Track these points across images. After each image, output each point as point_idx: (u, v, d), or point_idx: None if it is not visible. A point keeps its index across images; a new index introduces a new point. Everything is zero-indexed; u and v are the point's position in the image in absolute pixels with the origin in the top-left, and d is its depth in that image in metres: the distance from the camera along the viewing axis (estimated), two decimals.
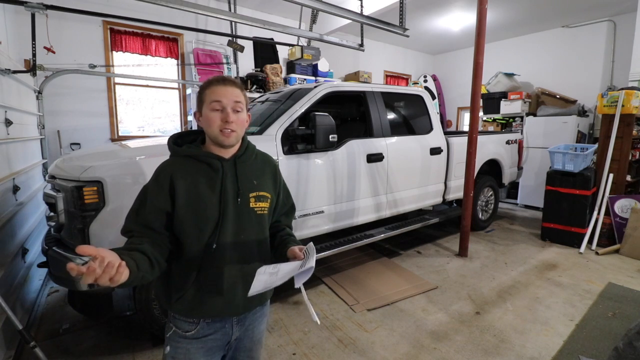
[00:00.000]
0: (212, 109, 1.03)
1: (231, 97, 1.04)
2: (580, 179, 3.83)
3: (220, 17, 3.37)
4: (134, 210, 1.03)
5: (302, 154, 2.54)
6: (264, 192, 1.12)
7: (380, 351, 2.11)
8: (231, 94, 1.04)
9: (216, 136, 1.04)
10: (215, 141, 1.06)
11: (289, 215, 1.30)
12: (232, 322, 1.10)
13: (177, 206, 1.01)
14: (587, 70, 6.01)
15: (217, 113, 1.03)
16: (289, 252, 1.07)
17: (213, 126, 1.03)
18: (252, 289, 0.88)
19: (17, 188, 2.68)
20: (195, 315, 1.05)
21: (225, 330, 1.09)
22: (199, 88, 1.08)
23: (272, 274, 0.94)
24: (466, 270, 3.28)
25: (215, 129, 1.03)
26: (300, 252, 1.03)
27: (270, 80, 5.26)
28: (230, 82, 1.06)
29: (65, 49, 4.10)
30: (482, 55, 3.37)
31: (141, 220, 1.01)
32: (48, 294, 2.82)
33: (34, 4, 2.93)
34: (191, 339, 1.05)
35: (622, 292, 2.84)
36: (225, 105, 1.03)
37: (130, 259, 0.86)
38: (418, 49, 8.12)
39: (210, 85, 1.05)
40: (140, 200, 1.04)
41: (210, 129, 1.04)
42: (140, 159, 1.94)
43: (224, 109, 1.03)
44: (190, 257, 1.02)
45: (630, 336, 1.37)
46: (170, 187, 1.01)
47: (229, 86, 1.05)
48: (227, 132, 1.03)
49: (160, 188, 1.02)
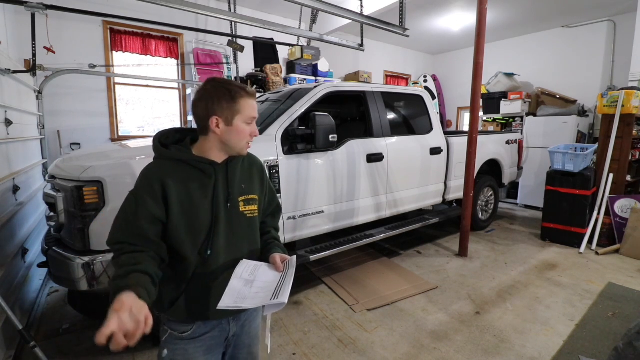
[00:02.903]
0: (248, 124, 1.04)
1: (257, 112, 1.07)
2: (580, 179, 3.83)
3: (220, 17, 3.37)
4: (124, 220, 0.95)
5: (302, 154, 2.54)
6: (253, 195, 1.12)
7: (380, 351, 2.11)
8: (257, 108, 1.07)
9: (242, 149, 1.06)
10: (236, 152, 1.06)
11: (275, 216, 1.29)
12: (228, 319, 1.10)
13: (170, 214, 0.97)
14: (587, 70, 6.01)
15: (248, 127, 1.04)
16: (270, 258, 1.08)
17: (244, 140, 1.04)
18: (222, 300, 0.89)
19: (17, 188, 2.68)
20: (190, 319, 1.04)
21: (222, 327, 1.09)
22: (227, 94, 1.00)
23: (247, 282, 0.96)
24: (466, 270, 3.28)
25: (244, 142, 1.05)
26: (282, 262, 1.05)
27: (270, 80, 5.26)
28: (255, 95, 1.07)
29: (65, 49, 4.10)
30: (482, 55, 3.37)
31: (134, 229, 0.93)
32: (48, 294, 2.82)
33: (34, 4, 2.93)
34: (188, 339, 1.04)
35: (622, 292, 2.84)
36: (255, 120, 1.06)
37: (144, 290, 0.85)
38: (418, 49, 8.12)
39: (247, 97, 1.02)
40: (129, 208, 0.96)
41: (239, 140, 1.04)
42: (140, 159, 1.94)
43: (253, 124, 1.06)
44: (183, 264, 1.01)
45: (630, 336, 1.37)
46: (162, 195, 0.96)
47: (255, 99, 1.06)
48: (249, 145, 1.07)
49: (153, 195, 0.95)
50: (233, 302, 0.90)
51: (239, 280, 0.96)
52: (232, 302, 0.90)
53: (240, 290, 0.93)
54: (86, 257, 1.80)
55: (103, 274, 1.83)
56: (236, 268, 1.00)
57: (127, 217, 0.95)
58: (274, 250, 1.13)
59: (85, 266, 1.79)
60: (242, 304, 0.90)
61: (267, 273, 1.01)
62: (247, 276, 0.98)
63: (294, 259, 1.06)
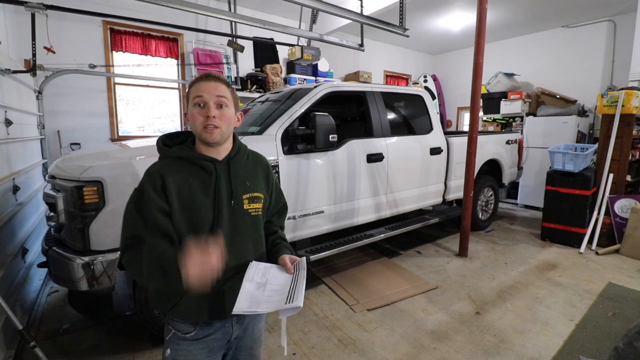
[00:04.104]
0: (195, 104, 1.01)
1: (213, 92, 1.01)
2: (580, 179, 3.83)
3: (220, 17, 3.37)
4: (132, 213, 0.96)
5: (302, 154, 2.54)
6: (257, 193, 1.10)
7: (380, 351, 2.11)
8: (214, 88, 1.01)
9: (200, 133, 1.02)
10: (200, 139, 1.04)
11: (282, 215, 1.28)
12: (231, 321, 1.09)
13: (172, 210, 0.98)
14: (587, 70, 6.01)
15: (199, 109, 1.01)
16: (279, 260, 1.07)
17: (196, 122, 1.01)
18: (237, 305, 0.88)
19: (17, 188, 2.68)
20: (194, 319, 1.04)
21: (226, 330, 1.08)
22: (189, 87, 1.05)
23: (259, 285, 0.94)
24: (466, 270, 3.28)
25: (199, 126, 1.00)
26: (292, 264, 1.03)
27: (270, 80, 5.26)
28: (214, 78, 1.04)
29: (65, 49, 4.10)
30: (482, 55, 3.37)
31: (149, 222, 0.94)
32: (48, 294, 2.82)
33: (34, 4, 2.93)
34: (191, 340, 1.04)
35: (622, 292, 2.84)
36: (207, 100, 1.00)
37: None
38: (418, 49, 8.12)
39: (194, 82, 1.03)
40: (137, 204, 0.97)
41: (194, 126, 1.02)
42: (140, 159, 1.95)
43: (206, 104, 1.00)
44: None
45: (630, 336, 1.37)
46: (163, 191, 0.97)
47: (211, 81, 1.02)
48: (210, 128, 1.00)
49: (156, 189, 0.97)
50: (248, 306, 0.88)
51: (251, 283, 0.94)
52: (247, 307, 0.88)
53: (253, 294, 0.91)
54: (86, 257, 1.80)
55: (103, 274, 1.83)
56: (247, 271, 0.98)
57: (137, 209, 0.96)
58: (282, 251, 1.12)
59: (85, 266, 1.79)
60: (257, 308, 0.89)
61: (278, 275, 1.00)
62: (259, 279, 0.96)
63: (304, 260, 1.05)
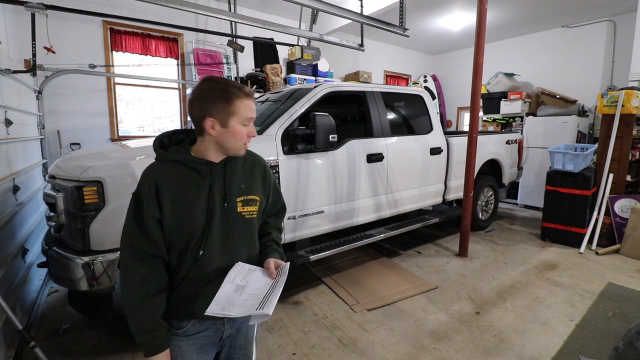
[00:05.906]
0: (244, 125, 1.02)
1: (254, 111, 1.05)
2: (580, 179, 3.83)
3: (220, 17, 3.37)
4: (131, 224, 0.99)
5: (302, 154, 2.54)
6: (253, 196, 1.10)
7: (380, 351, 2.11)
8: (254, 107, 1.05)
9: (239, 149, 1.04)
10: (233, 152, 1.04)
11: (279, 216, 1.27)
12: (222, 320, 1.09)
13: (164, 215, 0.98)
14: (587, 70, 6.01)
15: (244, 127, 1.02)
16: (265, 263, 1.07)
17: (240, 140, 1.02)
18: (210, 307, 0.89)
19: (17, 188, 2.68)
20: (183, 316, 1.04)
21: (217, 327, 1.08)
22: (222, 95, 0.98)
23: (238, 288, 0.95)
24: (466, 270, 3.28)
25: (240, 142, 1.03)
26: (276, 268, 1.04)
27: (270, 80, 5.26)
28: (252, 95, 1.05)
29: (65, 49, 4.10)
30: (482, 55, 3.37)
31: (142, 232, 0.97)
32: (48, 294, 2.82)
33: (34, 4, 2.93)
34: (182, 336, 1.04)
35: (622, 292, 2.84)
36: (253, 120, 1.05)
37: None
38: (418, 49, 8.12)
39: (244, 98, 1.00)
40: (133, 210, 1.00)
41: (235, 142, 1.02)
42: (140, 159, 1.94)
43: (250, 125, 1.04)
44: (177, 263, 1.01)
45: (630, 336, 1.37)
46: (156, 195, 0.98)
47: (252, 99, 1.04)
48: (247, 145, 1.06)
49: (149, 195, 0.98)
50: (220, 309, 0.89)
51: (230, 285, 0.95)
52: (219, 309, 0.89)
53: (230, 297, 0.92)
54: (86, 257, 1.80)
55: (103, 274, 1.83)
56: (230, 271, 0.99)
57: (135, 220, 0.99)
58: (270, 254, 1.12)
59: (85, 266, 1.79)
60: (229, 311, 0.90)
61: (260, 279, 1.00)
62: (240, 281, 0.97)
63: (287, 266, 1.05)
